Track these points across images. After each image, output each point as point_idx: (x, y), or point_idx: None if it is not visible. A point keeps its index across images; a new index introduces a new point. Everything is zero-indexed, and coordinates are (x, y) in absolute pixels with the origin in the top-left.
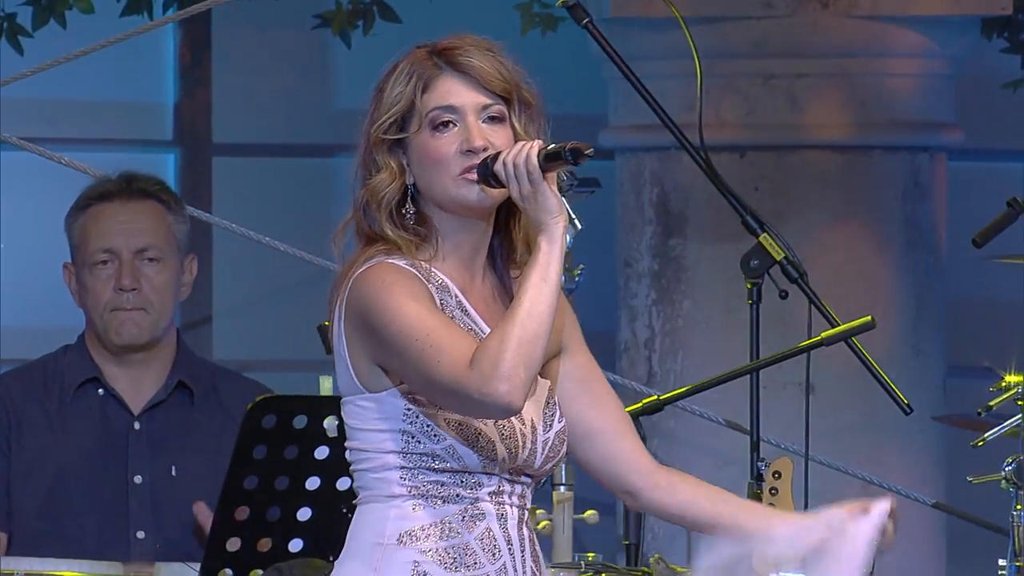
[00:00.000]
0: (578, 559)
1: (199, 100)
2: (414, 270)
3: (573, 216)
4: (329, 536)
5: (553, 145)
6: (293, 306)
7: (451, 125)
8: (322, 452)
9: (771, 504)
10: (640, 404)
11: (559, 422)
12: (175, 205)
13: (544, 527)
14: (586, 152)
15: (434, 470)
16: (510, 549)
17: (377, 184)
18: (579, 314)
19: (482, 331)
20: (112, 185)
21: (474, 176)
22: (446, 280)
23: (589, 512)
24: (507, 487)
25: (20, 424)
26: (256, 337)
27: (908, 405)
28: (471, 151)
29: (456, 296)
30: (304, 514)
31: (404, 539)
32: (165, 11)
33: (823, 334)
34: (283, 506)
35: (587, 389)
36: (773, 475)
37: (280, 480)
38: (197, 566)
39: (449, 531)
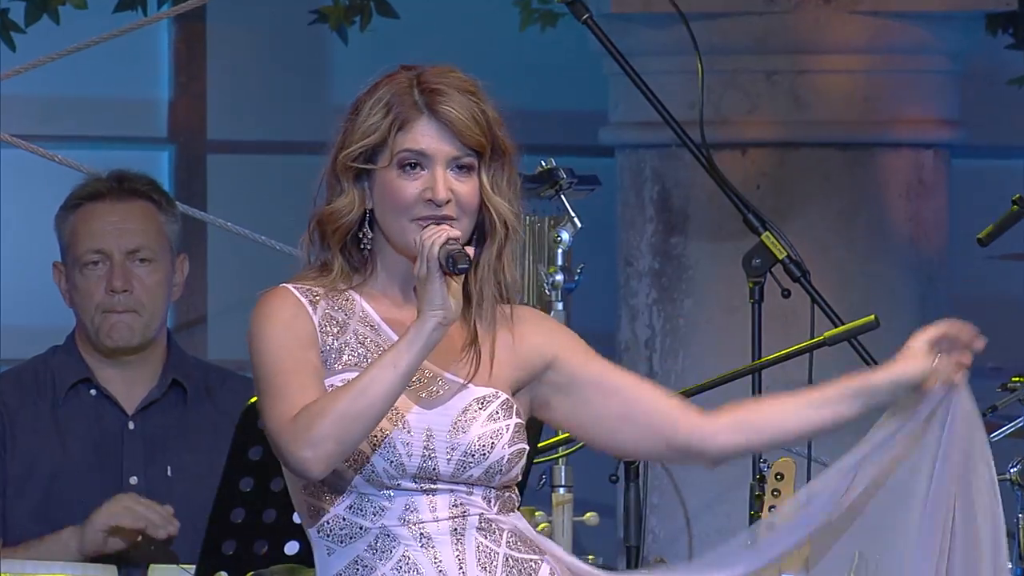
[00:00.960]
0: None
1: (194, 97)
2: (305, 300)
3: (573, 214)
4: None
5: (455, 247)
6: None
7: (419, 168)
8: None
9: (773, 506)
10: None
11: (483, 426)
12: (167, 204)
13: (543, 529)
14: (460, 265)
15: (330, 496)
16: (440, 569)
17: (337, 210)
18: (579, 313)
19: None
20: (102, 184)
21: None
22: (366, 307)
23: (589, 514)
24: (422, 500)
25: (14, 427)
26: None
27: None
28: (432, 201)
29: (372, 323)
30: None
31: None
32: (159, 7)
33: (826, 334)
34: (279, 508)
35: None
36: (775, 476)
37: (276, 482)
38: (192, 568)
39: (363, 569)
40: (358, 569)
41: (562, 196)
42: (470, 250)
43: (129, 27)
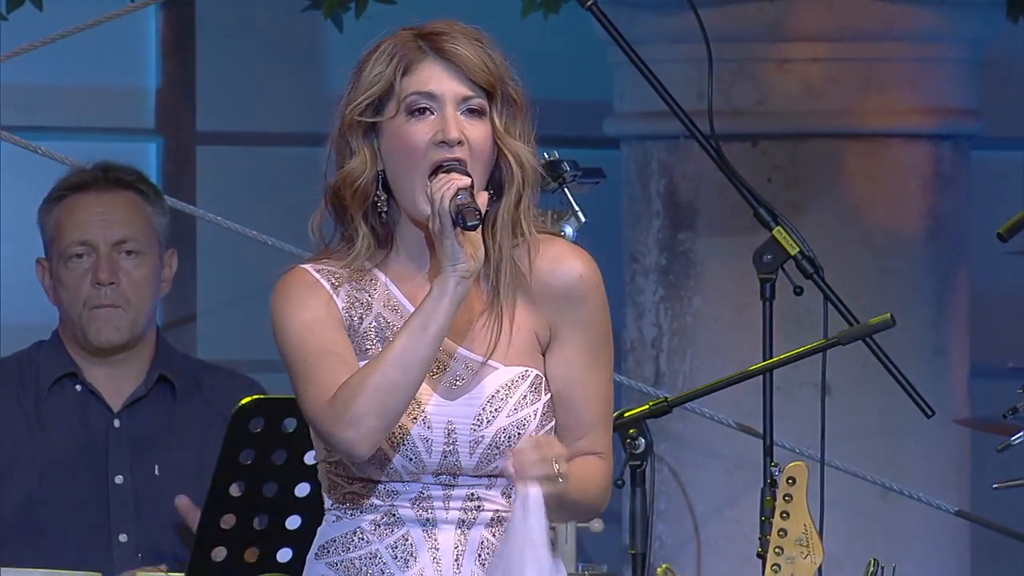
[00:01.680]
0: (582, 569)
1: (182, 86)
2: (326, 283)
3: (577, 208)
4: None
5: (464, 201)
6: None
7: (428, 112)
8: (312, 457)
9: (785, 512)
10: (647, 406)
11: (509, 416)
12: (154, 196)
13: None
14: (470, 222)
15: (348, 479)
16: (435, 556)
17: (351, 171)
18: None
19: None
20: (87, 175)
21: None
22: (391, 287)
23: (593, 520)
24: (438, 491)
25: None
26: (243, 336)
27: (929, 407)
28: (444, 143)
29: (396, 305)
30: (293, 522)
31: (320, 552)
32: None
33: (840, 333)
34: (271, 514)
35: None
36: (787, 481)
37: (268, 486)
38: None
39: (360, 540)
40: (354, 540)
41: (565, 189)
42: (483, 197)
43: (115, 13)
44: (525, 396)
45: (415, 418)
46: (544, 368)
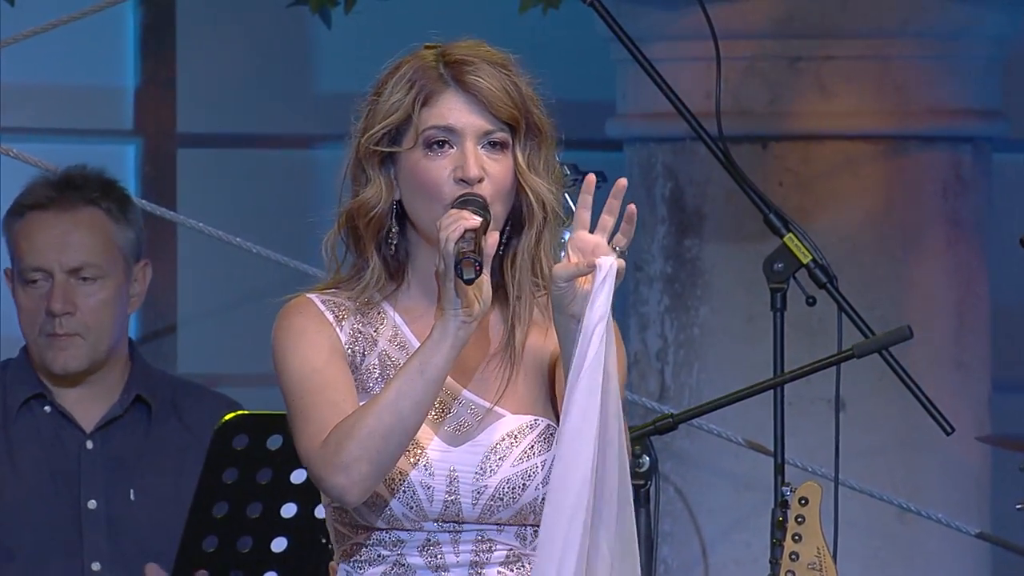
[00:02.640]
0: None
1: (162, 85)
2: (330, 315)
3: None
4: (305, 569)
5: (467, 249)
6: (267, 314)
7: (447, 147)
8: (299, 476)
9: (797, 535)
10: (651, 423)
11: (514, 466)
12: (118, 211)
13: None
14: (466, 276)
15: (352, 528)
16: None
17: (366, 201)
18: None
19: None
20: (46, 192)
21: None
22: (398, 322)
23: None
24: (446, 536)
25: None
26: (226, 348)
27: (949, 424)
28: (464, 180)
29: (403, 341)
30: (279, 544)
31: None
32: None
33: (855, 345)
34: (256, 535)
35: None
36: (799, 501)
37: (252, 507)
38: None
39: None
40: None
41: (565, 194)
42: (493, 239)
43: (91, 9)
44: (533, 446)
45: (415, 463)
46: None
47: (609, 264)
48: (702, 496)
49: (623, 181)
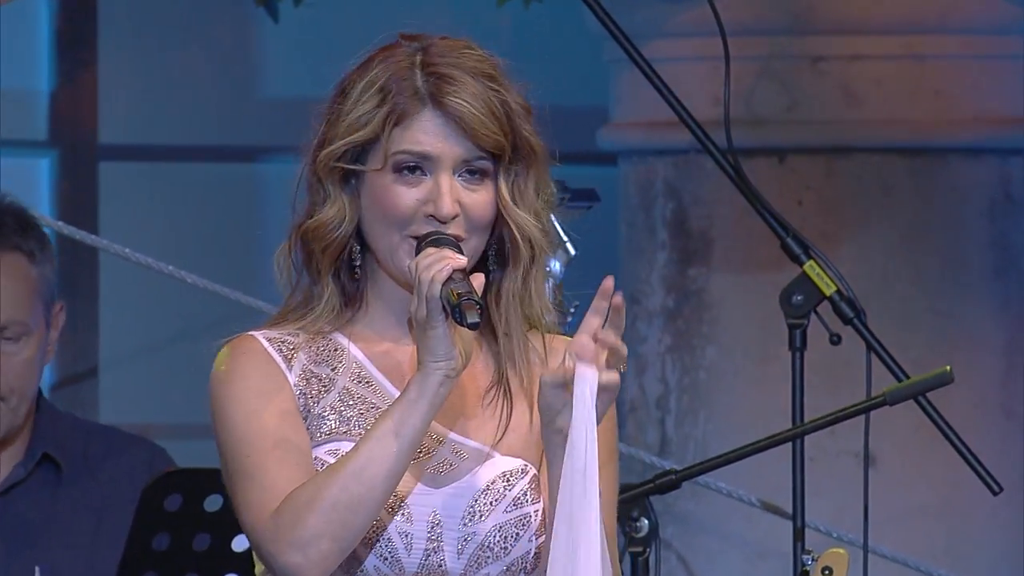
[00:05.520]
0: None
1: (82, 88)
2: (278, 355)
3: (565, 238)
4: None
5: (464, 290)
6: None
7: (419, 173)
8: (241, 543)
9: None
10: (651, 480)
11: (507, 512)
12: (39, 251)
13: None
14: (470, 320)
15: None
16: None
17: (325, 222)
18: None
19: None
20: None
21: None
22: (357, 355)
23: None
24: None
25: None
26: (156, 395)
27: (996, 482)
28: (434, 217)
29: (365, 377)
30: None
31: None
32: None
33: (886, 390)
34: None
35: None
36: (823, 572)
37: None
38: None
39: None
40: None
41: (551, 215)
42: (479, 280)
43: None
44: (526, 492)
45: (392, 508)
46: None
47: (590, 376)
48: (710, 565)
49: (609, 283)
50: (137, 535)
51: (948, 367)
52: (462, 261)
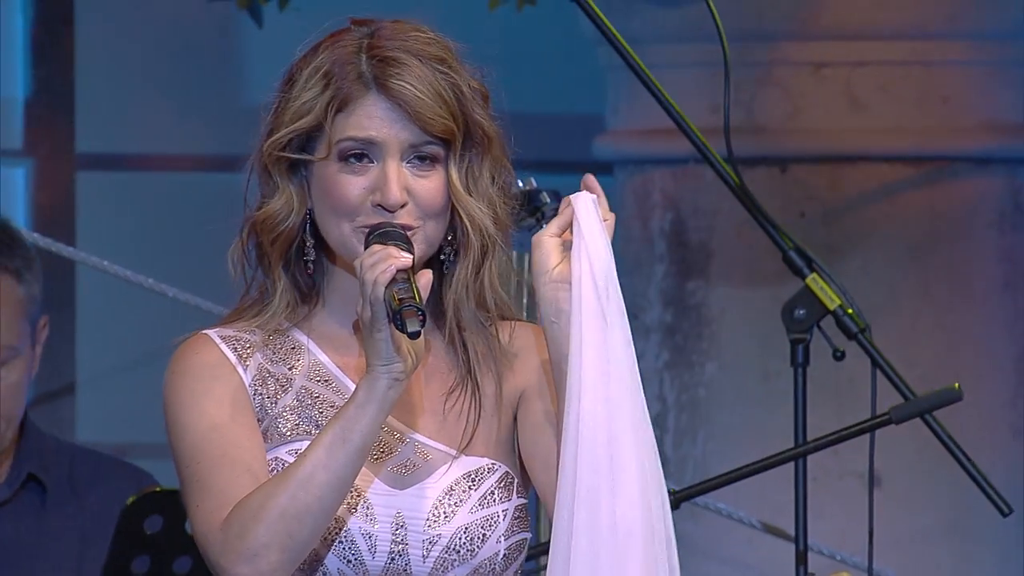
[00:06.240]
0: None
1: (58, 96)
2: (232, 355)
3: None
4: None
5: (406, 296)
6: None
7: (366, 160)
8: None
9: None
10: None
11: (473, 513)
12: (26, 270)
13: None
14: (410, 329)
15: None
16: None
17: (273, 213)
18: None
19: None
20: None
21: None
22: (315, 352)
23: None
24: None
25: None
26: (136, 413)
27: (1006, 504)
28: (382, 206)
29: (324, 375)
30: None
31: None
32: None
33: (892, 408)
34: None
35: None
36: None
37: None
38: None
39: None
40: None
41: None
42: (426, 278)
43: None
44: (493, 492)
45: (354, 508)
46: (516, 464)
47: (589, 197)
48: None
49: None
50: (117, 557)
51: (956, 384)
52: (407, 260)
